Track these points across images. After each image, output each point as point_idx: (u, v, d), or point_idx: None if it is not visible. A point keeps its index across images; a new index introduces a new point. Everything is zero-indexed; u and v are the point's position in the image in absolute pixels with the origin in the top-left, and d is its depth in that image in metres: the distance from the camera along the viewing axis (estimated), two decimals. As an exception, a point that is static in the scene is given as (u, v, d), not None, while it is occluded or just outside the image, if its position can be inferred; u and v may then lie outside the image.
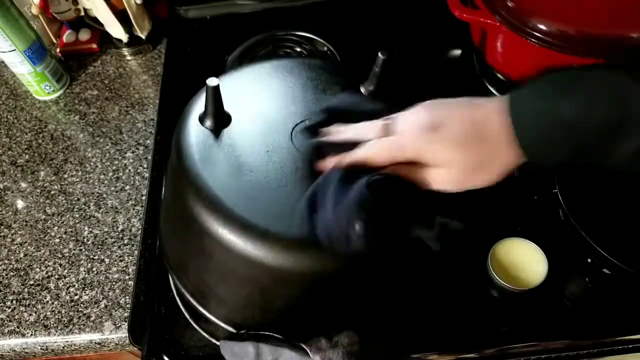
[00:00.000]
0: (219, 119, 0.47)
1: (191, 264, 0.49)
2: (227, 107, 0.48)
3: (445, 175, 0.39)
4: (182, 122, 0.48)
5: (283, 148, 0.46)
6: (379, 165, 0.40)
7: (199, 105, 0.48)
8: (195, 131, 0.46)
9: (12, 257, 0.63)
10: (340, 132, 0.43)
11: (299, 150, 0.46)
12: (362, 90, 0.51)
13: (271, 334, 0.43)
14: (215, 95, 0.45)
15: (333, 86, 0.51)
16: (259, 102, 0.50)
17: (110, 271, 0.61)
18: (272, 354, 0.42)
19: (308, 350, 0.41)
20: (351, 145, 0.41)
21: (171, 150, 0.48)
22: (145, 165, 0.70)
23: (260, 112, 0.49)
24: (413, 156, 0.39)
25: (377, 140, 0.40)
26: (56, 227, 0.65)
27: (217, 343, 0.48)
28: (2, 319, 0.58)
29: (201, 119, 0.47)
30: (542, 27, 0.62)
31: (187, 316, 0.54)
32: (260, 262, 0.40)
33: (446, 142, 0.38)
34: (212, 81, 0.44)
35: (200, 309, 0.50)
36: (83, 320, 0.57)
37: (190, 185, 0.43)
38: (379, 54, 0.47)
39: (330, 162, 0.42)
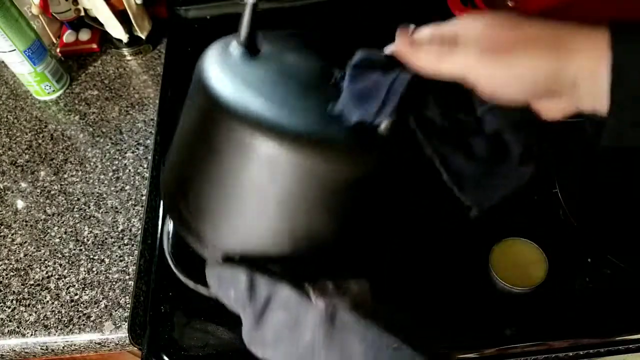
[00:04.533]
0: (249, 45, 0.42)
1: (195, 183, 0.42)
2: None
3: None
4: (206, 50, 0.43)
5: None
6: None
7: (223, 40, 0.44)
8: (218, 54, 0.41)
9: (12, 257, 0.63)
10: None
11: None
12: None
13: (270, 264, 0.36)
14: (251, 15, 0.42)
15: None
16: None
17: (110, 271, 0.61)
18: (266, 289, 0.34)
19: (311, 292, 0.34)
20: None
21: (193, 78, 0.43)
22: (145, 165, 0.70)
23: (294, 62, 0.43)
24: (463, 78, 0.34)
25: (428, 51, 0.36)
26: (56, 227, 0.65)
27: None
28: (2, 319, 0.58)
29: (226, 45, 0.42)
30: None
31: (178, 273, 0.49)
32: (291, 169, 0.35)
33: (512, 80, 0.32)
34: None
35: (200, 233, 0.42)
36: (83, 320, 0.57)
37: (208, 90, 0.37)
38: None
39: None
